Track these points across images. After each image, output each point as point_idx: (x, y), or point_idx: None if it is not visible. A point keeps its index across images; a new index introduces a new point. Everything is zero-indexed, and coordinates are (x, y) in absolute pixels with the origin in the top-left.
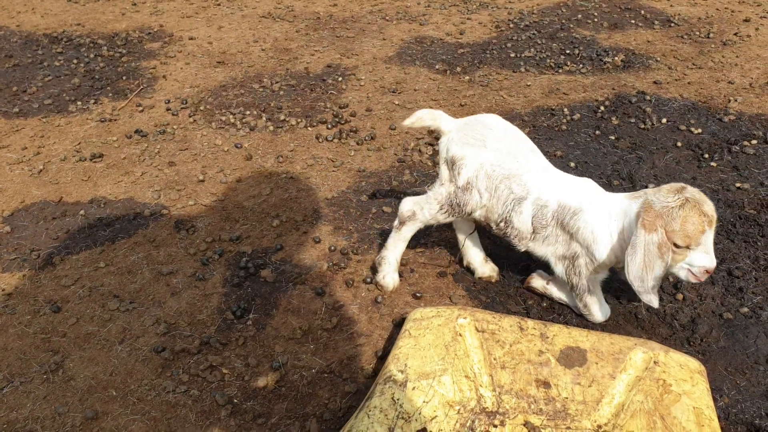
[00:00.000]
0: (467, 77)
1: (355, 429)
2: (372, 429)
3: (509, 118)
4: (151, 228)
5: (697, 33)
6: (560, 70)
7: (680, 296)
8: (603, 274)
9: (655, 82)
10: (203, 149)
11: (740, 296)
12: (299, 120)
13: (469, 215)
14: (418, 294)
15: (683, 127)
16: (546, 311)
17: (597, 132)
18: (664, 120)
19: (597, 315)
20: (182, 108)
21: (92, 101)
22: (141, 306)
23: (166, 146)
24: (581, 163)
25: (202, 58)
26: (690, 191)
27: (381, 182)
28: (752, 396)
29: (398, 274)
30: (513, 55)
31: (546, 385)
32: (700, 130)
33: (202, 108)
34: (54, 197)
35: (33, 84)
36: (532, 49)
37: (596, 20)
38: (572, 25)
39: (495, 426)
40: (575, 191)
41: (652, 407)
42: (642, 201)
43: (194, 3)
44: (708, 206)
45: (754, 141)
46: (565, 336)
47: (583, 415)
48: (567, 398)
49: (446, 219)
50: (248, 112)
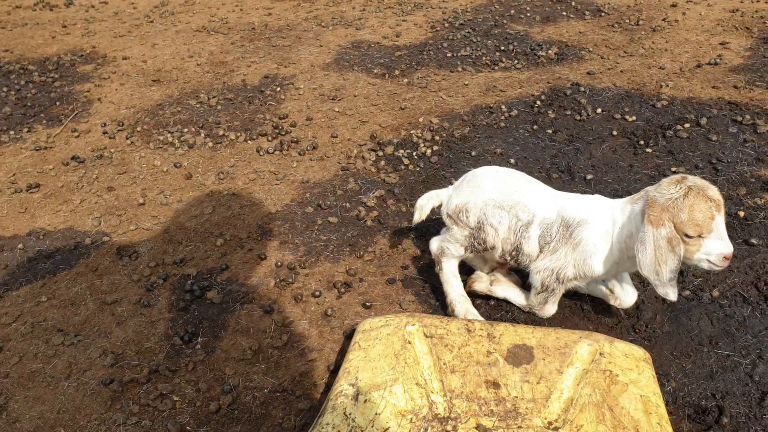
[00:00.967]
0: (406, 80)
1: None
2: None
3: (449, 119)
4: (93, 257)
5: (627, 21)
6: (496, 67)
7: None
8: (582, 283)
9: (589, 73)
10: (142, 171)
11: (681, 280)
12: (239, 134)
13: (493, 248)
14: (368, 303)
15: (618, 116)
16: (494, 309)
17: (535, 127)
18: (599, 110)
19: (549, 312)
20: (119, 130)
21: (25, 129)
22: (86, 338)
23: (105, 171)
24: (521, 159)
25: (137, 78)
26: (691, 180)
27: (325, 192)
28: (698, 378)
29: (471, 305)
30: (450, 55)
31: (495, 386)
32: (635, 118)
33: (139, 129)
34: None
35: None
36: (468, 48)
37: (529, 14)
38: (506, 21)
39: (447, 431)
40: (580, 205)
41: (601, 399)
42: (645, 198)
43: (126, 21)
44: (713, 191)
45: (687, 125)
46: (512, 334)
47: (534, 413)
48: (517, 397)
49: (476, 255)
50: (186, 130)
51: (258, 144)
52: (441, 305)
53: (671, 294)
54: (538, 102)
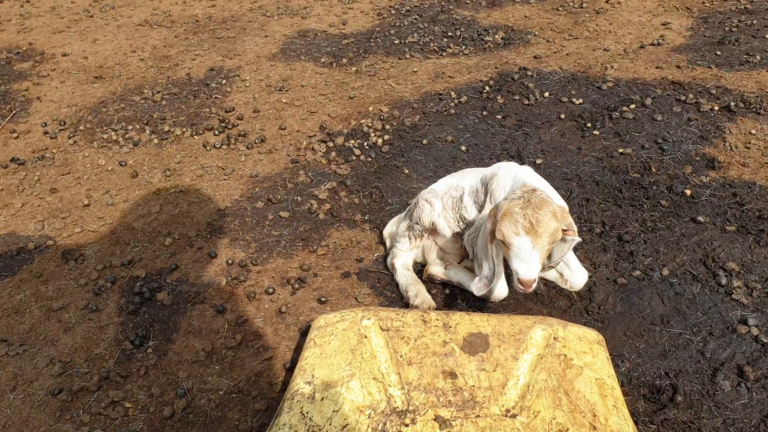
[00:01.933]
0: (354, 68)
1: None
2: None
3: (399, 107)
4: (37, 262)
5: (571, 4)
6: (444, 54)
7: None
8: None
9: (536, 57)
10: (86, 171)
11: (632, 260)
12: (184, 129)
13: (433, 225)
14: (323, 298)
15: (565, 99)
16: (449, 298)
17: (484, 112)
18: (547, 94)
19: (500, 292)
20: (61, 130)
21: None
22: (32, 347)
23: (47, 172)
24: (472, 146)
25: (78, 75)
26: (534, 195)
27: (276, 186)
28: (651, 357)
29: (423, 286)
30: (397, 42)
31: (453, 376)
32: (581, 100)
33: (82, 127)
34: None
35: None
36: (416, 34)
37: None
38: (452, 7)
39: (406, 425)
40: (494, 167)
41: (556, 384)
42: (493, 183)
43: (65, 17)
44: (533, 216)
45: (633, 105)
46: (467, 323)
47: (491, 401)
48: (474, 386)
49: (417, 237)
50: (130, 127)
51: (204, 139)
52: (397, 297)
53: (481, 288)
54: (487, 87)
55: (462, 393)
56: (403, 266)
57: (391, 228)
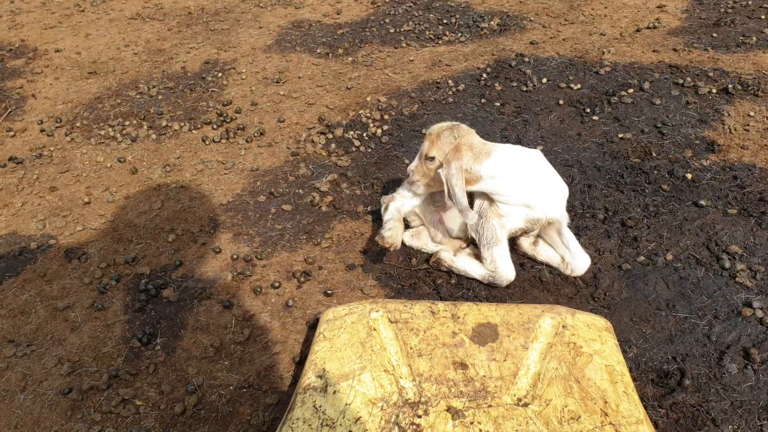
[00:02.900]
0: (350, 58)
1: None
2: None
3: (397, 97)
4: (40, 261)
5: None
6: (440, 41)
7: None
8: (511, 222)
9: (532, 43)
10: (85, 169)
11: (636, 245)
12: (182, 124)
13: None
14: (329, 291)
15: (563, 85)
16: (455, 288)
17: (483, 100)
18: (545, 80)
19: (506, 272)
20: (57, 127)
21: None
22: (40, 347)
23: (45, 170)
24: None
25: (72, 71)
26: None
27: (277, 179)
28: (658, 342)
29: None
30: (393, 31)
31: (463, 367)
32: (580, 86)
33: (79, 124)
34: None
35: None
36: (411, 23)
37: None
38: None
39: (419, 416)
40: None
41: (567, 372)
42: None
43: (56, 12)
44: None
45: (631, 90)
46: (476, 313)
47: (503, 391)
48: (485, 376)
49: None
50: (128, 123)
51: (203, 133)
52: (403, 288)
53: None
54: (484, 75)
55: (473, 383)
56: (396, 208)
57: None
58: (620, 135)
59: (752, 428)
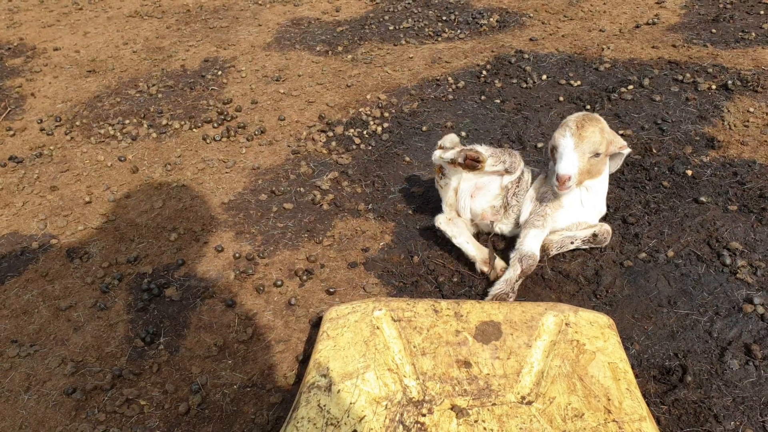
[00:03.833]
0: (350, 56)
1: None
2: None
3: (397, 94)
4: (42, 261)
5: None
6: (439, 38)
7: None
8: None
9: (531, 39)
10: (85, 168)
11: (637, 242)
12: (183, 122)
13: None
14: (332, 289)
15: (563, 81)
16: (458, 286)
17: (483, 97)
18: (545, 76)
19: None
20: (57, 126)
21: None
22: (43, 347)
23: (46, 170)
24: (472, 131)
25: (71, 69)
26: (589, 114)
27: (278, 178)
28: (660, 339)
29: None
30: (392, 28)
31: (467, 365)
32: (580, 82)
33: (78, 123)
34: None
35: None
36: (410, 20)
37: None
38: None
39: (423, 415)
40: None
41: (570, 370)
42: None
43: (54, 10)
44: (581, 123)
45: (631, 86)
46: (479, 311)
47: (506, 389)
48: (489, 374)
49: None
50: (128, 121)
51: (204, 131)
52: (405, 286)
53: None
54: (484, 72)
55: (477, 381)
56: (464, 235)
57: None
58: (620, 131)
59: (754, 424)
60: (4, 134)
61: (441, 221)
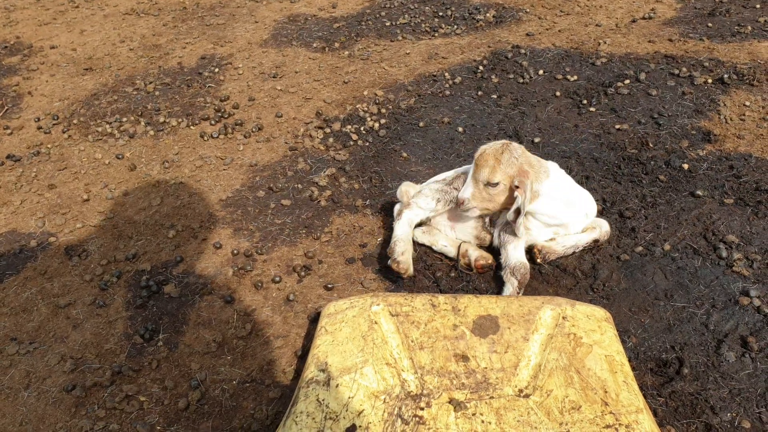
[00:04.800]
0: (347, 52)
1: None
2: None
3: (394, 90)
4: (41, 259)
5: None
6: (436, 34)
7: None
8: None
9: (528, 34)
10: (83, 166)
11: (633, 236)
12: (180, 120)
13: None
14: (330, 285)
15: (560, 76)
16: (455, 281)
17: (479, 92)
18: (541, 71)
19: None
20: (54, 124)
21: None
22: (42, 345)
23: (43, 168)
24: (469, 127)
25: (68, 67)
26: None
27: (276, 174)
28: (657, 332)
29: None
30: (389, 24)
31: (465, 359)
32: (576, 77)
33: (76, 121)
34: None
35: None
36: (406, 15)
37: None
38: None
39: (422, 408)
40: None
41: (567, 363)
42: None
43: (50, 8)
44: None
45: (627, 81)
46: (476, 306)
47: (504, 382)
48: (486, 368)
49: (446, 203)
50: (125, 119)
51: (201, 129)
52: (401, 282)
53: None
54: (481, 67)
55: (475, 375)
56: (409, 220)
57: (409, 188)
58: (617, 126)
59: (750, 416)
60: (2, 133)
61: (417, 235)
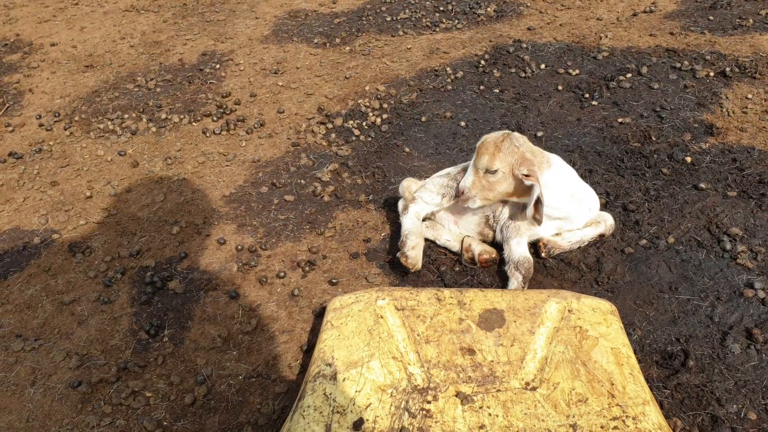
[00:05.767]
0: (348, 48)
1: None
2: (309, 429)
3: (396, 85)
4: (44, 256)
5: None
6: (437, 29)
7: None
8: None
9: (529, 29)
10: (85, 162)
11: (637, 229)
12: (182, 116)
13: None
14: (334, 280)
15: (561, 70)
16: (459, 275)
17: (481, 87)
18: (543, 66)
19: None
20: (56, 121)
21: None
22: (48, 341)
23: (46, 165)
24: (471, 121)
25: (69, 64)
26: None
27: (278, 170)
28: (661, 324)
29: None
30: (389, 19)
31: (471, 352)
32: (578, 71)
33: (77, 118)
34: None
35: None
36: (407, 10)
37: None
38: None
39: (428, 402)
40: None
41: (574, 355)
42: None
43: (50, 5)
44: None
45: (629, 74)
46: (482, 299)
47: (511, 375)
48: (493, 361)
49: (449, 198)
50: (127, 116)
51: (203, 125)
52: (407, 276)
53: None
54: (483, 62)
55: (481, 368)
56: (416, 213)
57: (411, 184)
58: (619, 120)
59: (756, 407)
60: (3, 130)
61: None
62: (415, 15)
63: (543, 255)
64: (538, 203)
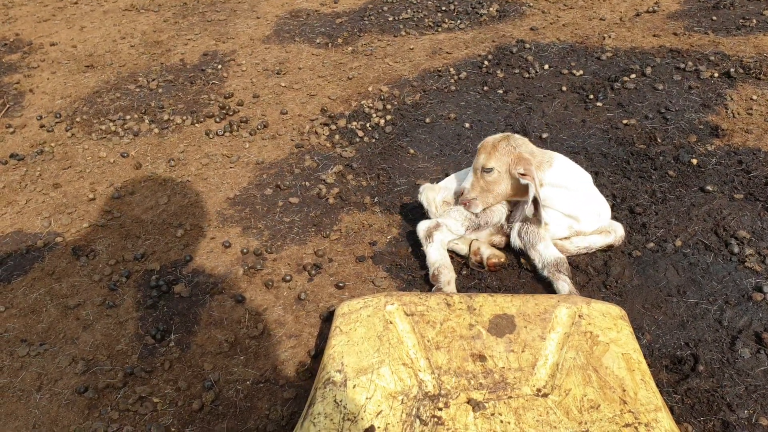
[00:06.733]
0: (350, 48)
1: None
2: None
3: (399, 86)
4: (48, 259)
5: None
6: (439, 29)
7: None
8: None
9: (532, 29)
10: (88, 164)
11: (645, 232)
12: (184, 117)
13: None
14: (341, 284)
15: (565, 71)
16: (467, 279)
17: (485, 88)
18: (547, 66)
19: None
20: (57, 122)
21: None
22: (53, 346)
23: (48, 167)
24: (475, 123)
25: (69, 64)
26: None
27: (283, 172)
28: (670, 328)
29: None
30: (391, 19)
31: (482, 359)
32: (582, 72)
33: (79, 119)
34: None
35: None
36: (409, 10)
37: None
38: None
39: (440, 409)
40: None
41: (585, 361)
42: None
43: (49, 4)
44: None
45: (633, 75)
46: (491, 305)
47: (522, 382)
48: (504, 368)
49: (473, 230)
50: (129, 117)
51: (206, 126)
52: (414, 280)
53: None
54: (486, 62)
55: (492, 375)
56: (442, 243)
57: (434, 194)
58: (624, 121)
59: None
60: (4, 131)
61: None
62: (417, 15)
63: None
64: (537, 203)
